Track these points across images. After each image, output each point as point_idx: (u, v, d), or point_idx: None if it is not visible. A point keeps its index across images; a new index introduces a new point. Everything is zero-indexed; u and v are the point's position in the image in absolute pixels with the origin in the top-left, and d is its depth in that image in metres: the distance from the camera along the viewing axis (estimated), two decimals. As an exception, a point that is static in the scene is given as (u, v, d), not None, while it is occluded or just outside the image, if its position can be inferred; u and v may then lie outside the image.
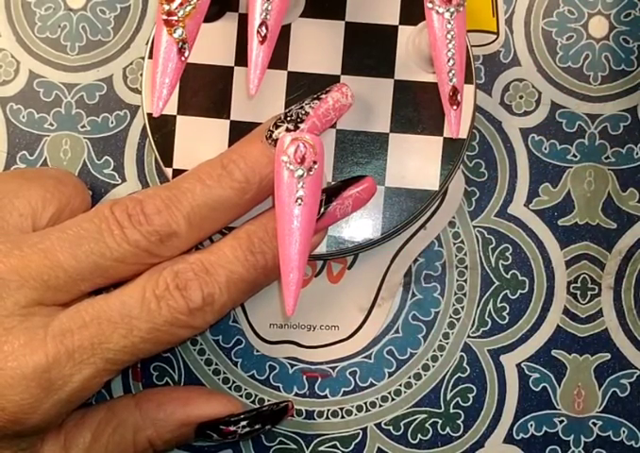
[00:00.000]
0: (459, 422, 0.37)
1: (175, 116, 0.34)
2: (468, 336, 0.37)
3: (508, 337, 0.37)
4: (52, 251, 0.29)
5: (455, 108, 0.32)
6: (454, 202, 0.37)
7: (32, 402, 0.29)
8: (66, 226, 0.30)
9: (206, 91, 0.35)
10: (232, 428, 0.33)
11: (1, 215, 0.31)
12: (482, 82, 0.37)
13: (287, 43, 0.34)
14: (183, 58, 0.29)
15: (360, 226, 0.34)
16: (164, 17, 0.28)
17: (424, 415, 0.37)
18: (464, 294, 0.37)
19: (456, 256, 0.37)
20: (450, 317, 0.37)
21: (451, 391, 0.37)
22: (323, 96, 0.32)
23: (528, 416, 0.37)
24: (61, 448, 0.32)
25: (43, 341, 0.29)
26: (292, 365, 0.37)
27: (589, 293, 0.37)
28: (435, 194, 0.34)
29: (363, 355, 0.37)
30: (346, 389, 0.37)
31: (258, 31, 0.29)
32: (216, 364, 0.37)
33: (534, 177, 0.37)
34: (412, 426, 0.37)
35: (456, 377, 0.37)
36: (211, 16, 0.34)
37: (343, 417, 0.37)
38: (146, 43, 0.35)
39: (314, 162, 0.30)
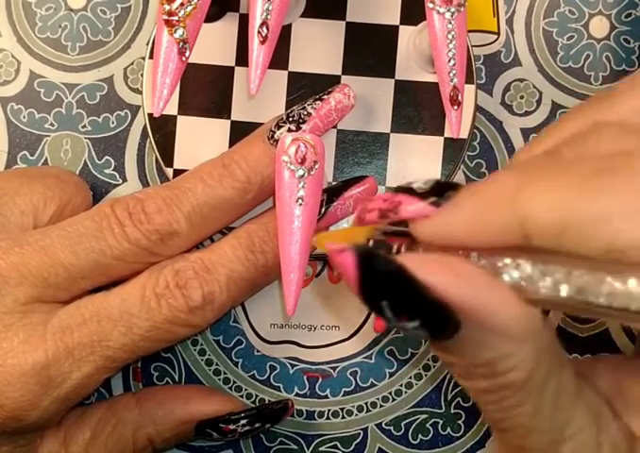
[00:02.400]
0: (459, 422, 0.37)
1: (175, 116, 0.34)
2: (469, 336, 0.37)
3: (509, 337, 0.37)
4: (52, 249, 0.30)
5: (456, 108, 0.32)
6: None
7: (31, 399, 0.29)
8: (67, 224, 0.30)
9: (206, 91, 0.35)
10: (232, 427, 0.33)
11: (2, 212, 0.31)
12: (483, 82, 0.37)
13: (288, 43, 0.34)
14: (184, 59, 0.29)
15: (360, 226, 0.34)
16: (165, 17, 0.29)
17: (425, 415, 0.37)
18: (465, 295, 0.37)
19: (457, 256, 0.37)
20: (451, 317, 0.37)
21: (452, 391, 0.37)
22: (325, 97, 0.32)
23: (529, 417, 0.37)
24: (61, 445, 0.32)
25: (43, 338, 0.29)
26: (292, 365, 0.37)
27: (590, 293, 0.37)
28: (436, 194, 0.34)
29: (364, 355, 0.37)
30: (347, 389, 0.37)
31: (258, 31, 0.29)
32: (217, 365, 0.37)
33: (535, 178, 0.37)
34: (413, 426, 0.37)
35: (457, 377, 0.37)
36: (212, 16, 0.34)
37: (343, 417, 0.37)
38: (147, 44, 0.36)
39: (315, 162, 0.30)
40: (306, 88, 0.34)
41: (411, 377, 0.37)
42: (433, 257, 0.21)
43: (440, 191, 0.22)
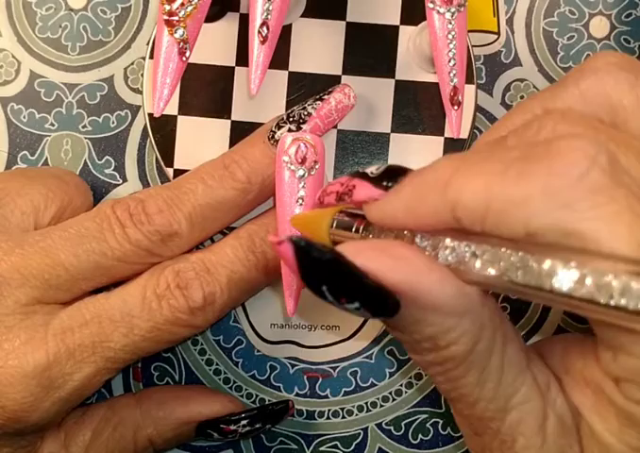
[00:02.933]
0: (460, 422, 0.37)
1: (176, 116, 0.34)
2: (469, 336, 0.37)
3: (509, 337, 0.37)
4: (53, 250, 0.30)
5: (456, 108, 0.32)
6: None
7: (32, 400, 0.29)
8: (67, 225, 0.30)
9: (207, 91, 0.35)
10: (233, 427, 0.33)
11: (3, 213, 0.31)
12: (483, 82, 0.37)
13: (288, 43, 0.34)
14: (184, 59, 0.29)
15: (361, 226, 0.34)
16: (165, 17, 0.29)
17: (425, 415, 0.37)
18: (465, 295, 0.37)
19: (457, 256, 0.37)
20: (451, 317, 0.37)
21: (452, 391, 0.37)
22: (325, 97, 0.32)
23: (529, 416, 0.37)
24: (61, 446, 0.32)
25: (44, 339, 0.29)
26: (292, 365, 0.37)
27: (590, 293, 0.37)
28: (436, 194, 0.34)
29: (364, 355, 0.37)
30: (347, 389, 0.37)
31: (259, 31, 0.29)
32: (217, 364, 0.37)
33: (535, 178, 0.37)
34: (413, 426, 0.37)
35: (457, 377, 0.37)
36: (212, 16, 0.34)
37: (344, 417, 0.37)
38: (147, 44, 0.36)
39: (315, 162, 0.30)
40: (306, 88, 0.34)
41: (411, 377, 0.37)
42: (373, 243, 0.23)
43: (391, 175, 0.24)
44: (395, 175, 0.24)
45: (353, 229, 0.25)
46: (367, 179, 0.24)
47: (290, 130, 0.31)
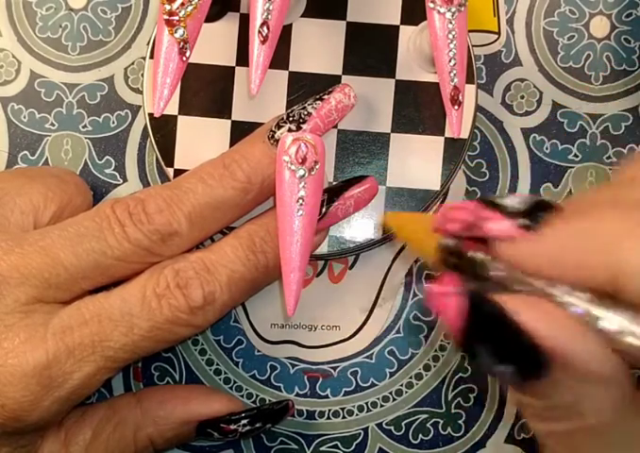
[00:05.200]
0: (460, 422, 0.37)
1: (176, 116, 0.34)
2: (469, 336, 0.37)
3: (509, 337, 0.37)
4: (53, 249, 0.29)
5: (456, 107, 0.32)
6: (455, 202, 0.37)
7: (32, 399, 0.29)
8: (67, 224, 0.30)
9: (207, 91, 0.35)
10: (233, 427, 0.33)
11: (2, 213, 0.31)
12: (484, 82, 0.37)
13: (288, 43, 0.34)
14: (184, 58, 0.29)
15: (361, 226, 0.34)
16: (166, 17, 0.29)
17: (425, 415, 0.37)
18: (466, 295, 0.37)
19: (457, 256, 0.37)
20: (451, 317, 0.37)
21: (452, 391, 0.37)
22: (325, 97, 0.32)
23: (529, 416, 0.37)
24: (61, 445, 0.32)
25: (44, 338, 0.29)
26: (293, 365, 0.37)
27: (590, 293, 0.37)
28: (437, 194, 0.34)
29: (365, 355, 0.37)
30: (348, 389, 0.37)
31: (259, 31, 0.29)
32: (217, 364, 0.37)
33: (536, 177, 0.37)
34: (414, 426, 0.37)
35: (457, 377, 0.37)
36: (213, 16, 0.34)
37: (344, 417, 0.37)
38: (147, 43, 0.36)
39: (316, 162, 0.30)
40: (306, 88, 0.34)
41: (411, 377, 0.37)
42: (527, 299, 0.20)
43: (532, 211, 0.21)
44: (537, 209, 0.21)
45: (468, 255, 0.22)
46: (503, 212, 0.21)
47: (290, 130, 0.31)
